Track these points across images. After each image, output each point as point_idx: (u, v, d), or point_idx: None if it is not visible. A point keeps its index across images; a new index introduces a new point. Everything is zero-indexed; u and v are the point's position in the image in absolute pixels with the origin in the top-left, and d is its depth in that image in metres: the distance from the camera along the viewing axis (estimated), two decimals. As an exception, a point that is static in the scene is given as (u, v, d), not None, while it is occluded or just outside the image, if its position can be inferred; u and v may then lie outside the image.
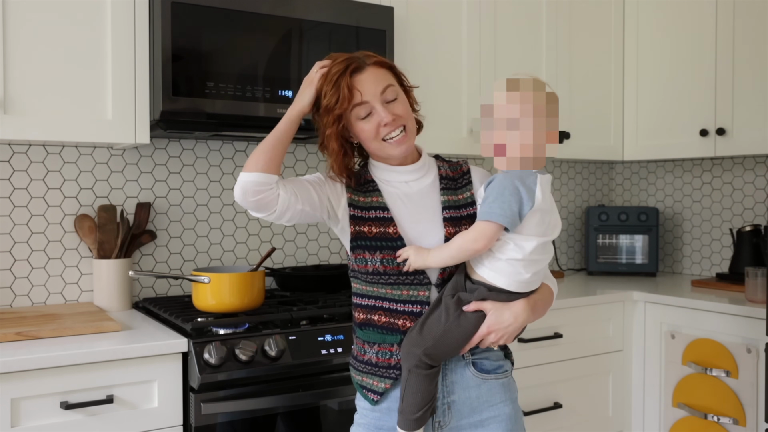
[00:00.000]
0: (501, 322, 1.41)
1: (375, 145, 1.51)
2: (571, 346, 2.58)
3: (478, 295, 1.43)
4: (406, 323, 1.48)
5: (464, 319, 1.43)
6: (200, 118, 2.05)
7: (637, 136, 3.07)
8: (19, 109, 1.90)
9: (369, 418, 1.54)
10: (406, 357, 1.45)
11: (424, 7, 2.56)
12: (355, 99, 1.46)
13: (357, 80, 1.47)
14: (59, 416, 1.68)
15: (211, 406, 1.80)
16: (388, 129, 1.48)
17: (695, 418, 2.49)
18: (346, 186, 1.56)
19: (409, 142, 1.52)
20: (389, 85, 1.50)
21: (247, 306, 2.02)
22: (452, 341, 1.43)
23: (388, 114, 1.47)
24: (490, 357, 1.53)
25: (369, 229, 1.51)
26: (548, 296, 1.55)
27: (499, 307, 1.42)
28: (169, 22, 1.98)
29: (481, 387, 1.50)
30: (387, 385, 1.50)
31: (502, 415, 1.51)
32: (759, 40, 2.60)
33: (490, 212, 1.39)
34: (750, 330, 2.34)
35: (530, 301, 1.47)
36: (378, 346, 1.51)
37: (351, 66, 1.48)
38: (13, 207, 2.19)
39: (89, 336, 1.84)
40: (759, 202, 2.95)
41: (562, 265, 3.38)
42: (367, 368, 1.53)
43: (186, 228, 2.47)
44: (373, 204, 1.53)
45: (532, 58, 2.86)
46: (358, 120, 1.49)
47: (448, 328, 1.42)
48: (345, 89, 1.45)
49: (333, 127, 1.48)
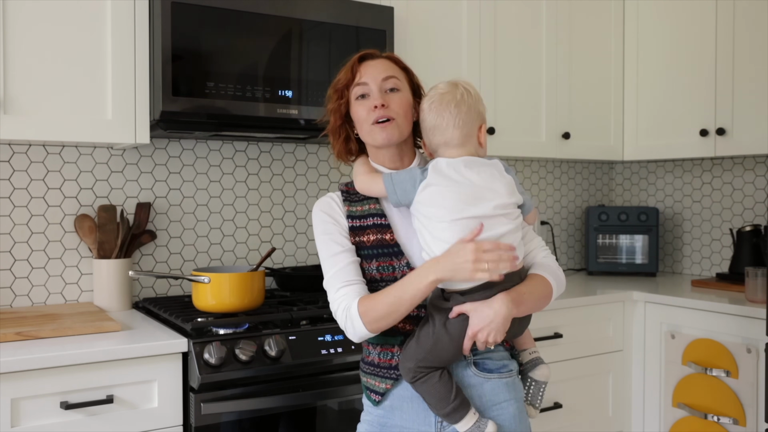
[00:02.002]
0: (483, 320, 1.39)
1: (366, 128, 1.53)
2: (571, 346, 2.58)
3: (456, 301, 1.43)
4: (406, 326, 1.50)
5: (450, 326, 1.42)
6: (200, 118, 2.05)
7: (637, 136, 3.07)
8: (19, 109, 1.90)
9: (374, 416, 1.56)
10: (403, 372, 1.47)
11: (424, 7, 2.56)
12: (356, 78, 1.54)
13: (364, 65, 1.56)
14: (59, 416, 1.68)
15: (211, 406, 1.80)
16: (376, 114, 1.50)
17: (695, 418, 2.49)
18: (343, 200, 1.58)
19: (394, 132, 1.51)
20: (392, 77, 1.54)
21: (247, 306, 2.02)
22: (444, 349, 1.43)
23: (380, 99, 1.51)
24: (493, 357, 1.53)
25: (367, 238, 1.52)
26: (541, 288, 1.51)
27: (478, 306, 1.40)
28: (169, 22, 1.98)
29: (484, 386, 1.50)
30: (388, 385, 1.52)
31: (506, 414, 1.50)
32: (759, 40, 2.60)
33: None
34: (750, 330, 2.34)
35: (511, 293, 1.42)
36: (380, 347, 1.53)
37: (365, 54, 1.58)
38: (13, 207, 2.19)
39: (89, 336, 1.84)
40: (759, 202, 2.95)
41: (562, 265, 3.38)
42: (370, 369, 1.56)
43: (186, 228, 2.47)
44: (371, 211, 1.54)
45: (532, 58, 2.86)
46: (356, 100, 1.54)
47: (438, 338, 1.42)
48: (350, 70, 1.55)
49: (336, 102, 1.56)
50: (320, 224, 1.55)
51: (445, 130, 1.48)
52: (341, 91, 1.55)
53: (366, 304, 1.43)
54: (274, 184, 2.62)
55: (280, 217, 2.64)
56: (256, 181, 2.59)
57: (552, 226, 3.33)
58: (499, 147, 2.74)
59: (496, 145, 2.73)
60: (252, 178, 2.58)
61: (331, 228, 1.54)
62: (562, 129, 2.93)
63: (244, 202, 2.57)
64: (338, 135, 1.58)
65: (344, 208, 1.57)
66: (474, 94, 1.52)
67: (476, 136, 1.51)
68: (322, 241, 1.53)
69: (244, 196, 2.57)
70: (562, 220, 3.40)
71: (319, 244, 1.54)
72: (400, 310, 1.41)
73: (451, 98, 1.48)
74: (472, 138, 1.50)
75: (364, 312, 1.42)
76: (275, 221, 2.63)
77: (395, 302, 1.41)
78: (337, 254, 1.50)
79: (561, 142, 2.93)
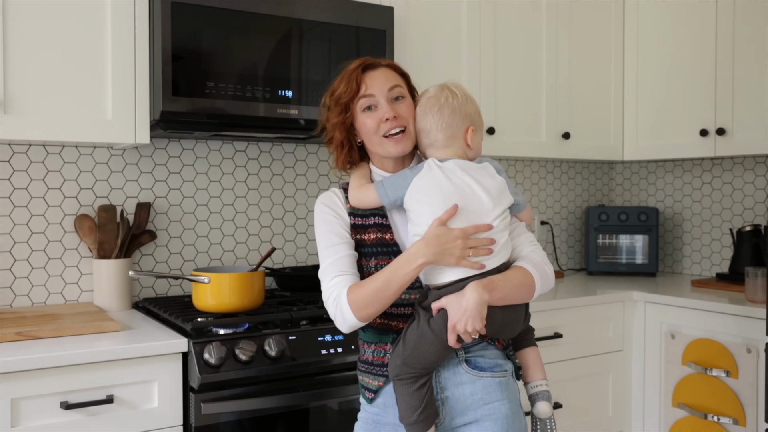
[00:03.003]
0: (458, 310, 1.40)
1: (375, 140, 1.53)
2: (571, 346, 2.58)
3: (432, 297, 1.46)
4: (399, 324, 1.52)
5: (434, 323, 1.44)
6: (200, 118, 2.05)
7: (637, 136, 3.07)
8: (19, 109, 1.90)
9: (368, 413, 1.59)
10: (390, 368, 1.50)
11: (424, 7, 2.56)
12: (361, 90, 1.52)
13: (367, 75, 1.54)
14: (59, 416, 1.68)
15: (211, 406, 1.80)
16: (389, 125, 1.51)
17: (695, 418, 2.49)
18: (345, 198, 1.59)
19: (407, 143, 1.54)
20: (397, 86, 1.54)
21: (247, 306, 2.02)
22: (429, 346, 1.44)
23: (391, 111, 1.51)
24: (486, 355, 1.53)
25: (368, 237, 1.53)
26: (518, 277, 1.49)
27: (453, 299, 1.42)
28: (169, 22, 1.98)
29: (476, 384, 1.50)
30: (380, 383, 1.54)
31: (498, 414, 1.50)
32: (759, 40, 2.60)
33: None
34: (750, 330, 2.34)
35: (482, 281, 1.42)
36: (375, 345, 1.56)
37: (365, 63, 1.55)
38: (13, 207, 2.19)
39: (89, 336, 1.84)
40: (759, 202, 2.95)
41: (562, 265, 3.38)
42: (365, 367, 1.58)
43: (186, 228, 2.47)
44: (374, 210, 1.55)
45: (532, 58, 2.86)
46: (362, 112, 1.53)
47: (422, 334, 1.45)
48: (354, 82, 1.52)
49: (340, 117, 1.54)
50: (321, 215, 1.56)
51: (429, 132, 1.53)
52: (345, 105, 1.53)
53: (355, 291, 1.45)
54: (274, 184, 2.62)
55: (280, 217, 2.64)
56: (256, 181, 2.59)
57: (552, 226, 3.33)
58: (499, 147, 2.74)
59: (497, 145, 2.73)
60: (252, 178, 2.58)
61: (332, 219, 1.55)
62: (562, 129, 2.93)
63: (244, 202, 2.57)
64: (342, 147, 1.57)
65: (347, 205, 1.58)
66: (461, 96, 1.54)
67: (463, 138, 1.53)
68: (321, 232, 1.54)
69: (244, 196, 2.57)
70: (562, 220, 3.40)
71: (319, 234, 1.55)
72: (388, 294, 1.43)
73: (435, 102, 1.53)
74: (457, 139, 1.53)
75: (353, 299, 1.44)
76: (275, 221, 2.63)
77: (383, 287, 1.43)
78: (336, 245, 1.52)
79: (561, 142, 2.93)
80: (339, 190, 1.62)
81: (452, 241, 1.41)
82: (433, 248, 1.41)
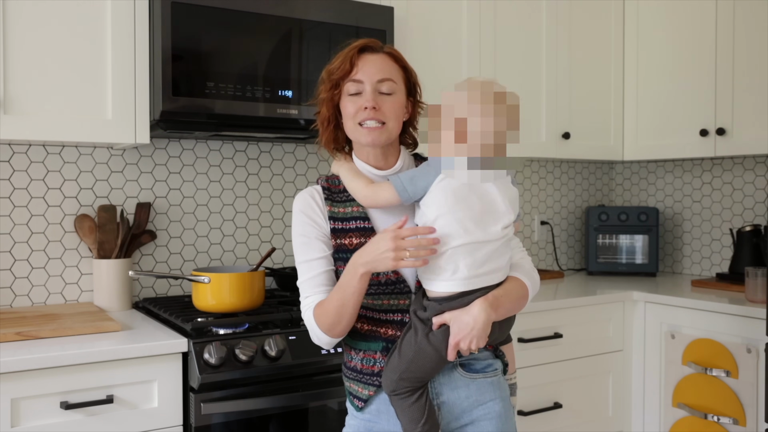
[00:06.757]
0: (463, 329, 1.37)
1: (350, 125, 1.50)
2: (571, 346, 2.58)
3: (432, 311, 1.41)
4: (388, 331, 1.49)
5: (433, 336, 1.41)
6: (200, 118, 2.05)
7: (637, 136, 3.07)
8: (19, 109, 1.90)
9: (359, 420, 1.55)
10: (384, 383, 1.46)
11: (424, 7, 2.56)
12: (352, 73, 1.48)
13: (363, 58, 1.49)
14: (59, 416, 1.68)
15: (211, 406, 1.80)
16: (365, 114, 1.47)
17: (695, 418, 2.49)
18: (325, 199, 1.54)
19: (382, 136, 1.49)
20: (389, 80, 1.49)
21: (247, 306, 2.02)
22: (427, 360, 1.42)
23: (372, 100, 1.47)
24: (479, 358, 1.53)
25: (350, 241, 1.50)
26: (517, 289, 1.47)
27: (457, 315, 1.39)
28: (169, 22, 1.98)
29: (470, 386, 1.50)
30: (371, 392, 1.51)
31: (492, 413, 1.50)
32: (759, 40, 2.60)
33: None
34: (750, 330, 2.34)
35: (488, 298, 1.40)
36: (363, 353, 1.52)
37: (365, 45, 1.51)
38: (13, 207, 2.19)
39: (89, 336, 1.84)
40: (759, 202, 2.95)
41: (562, 265, 3.38)
42: (353, 375, 1.54)
43: (186, 228, 2.47)
44: (354, 214, 1.52)
45: (532, 58, 2.86)
46: (347, 95, 1.50)
47: (419, 348, 1.41)
48: (348, 62, 1.48)
49: (329, 92, 1.51)
50: (299, 225, 1.53)
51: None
52: (336, 82, 1.50)
53: (319, 313, 1.45)
54: (274, 184, 2.62)
55: (280, 217, 2.64)
56: (256, 181, 2.59)
57: (552, 226, 3.34)
58: (499, 147, 2.74)
59: (496, 145, 2.73)
60: (252, 178, 2.58)
61: (309, 230, 1.51)
62: (562, 129, 2.93)
63: (244, 202, 2.57)
64: (327, 124, 1.54)
65: (326, 209, 1.53)
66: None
67: None
68: (299, 243, 1.52)
69: (244, 196, 2.57)
70: (562, 220, 3.40)
71: (295, 245, 1.53)
72: (349, 310, 1.42)
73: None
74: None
75: (320, 322, 1.46)
76: (275, 221, 2.63)
77: (340, 305, 1.43)
78: (310, 261, 1.50)
79: (561, 142, 2.93)
80: (317, 188, 1.56)
81: (383, 245, 1.36)
82: (365, 257, 1.38)
